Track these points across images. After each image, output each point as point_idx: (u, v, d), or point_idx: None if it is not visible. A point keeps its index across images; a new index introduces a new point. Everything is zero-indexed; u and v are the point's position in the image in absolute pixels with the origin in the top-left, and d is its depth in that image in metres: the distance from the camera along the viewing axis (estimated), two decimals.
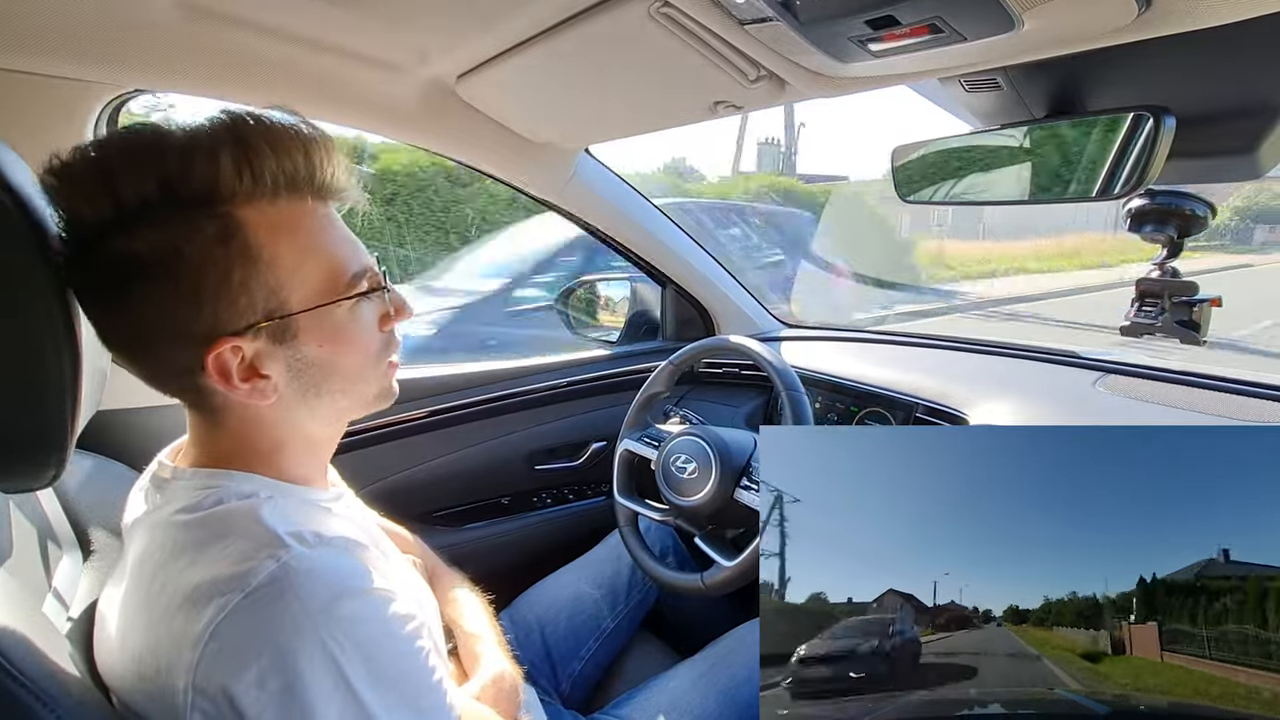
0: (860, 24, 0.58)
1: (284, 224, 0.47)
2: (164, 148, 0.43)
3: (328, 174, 0.49)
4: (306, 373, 0.50)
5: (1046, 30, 0.55)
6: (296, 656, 0.41)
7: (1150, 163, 0.65)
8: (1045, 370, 1.12)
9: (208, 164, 0.43)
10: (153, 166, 0.43)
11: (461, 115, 1.01)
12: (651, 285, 1.55)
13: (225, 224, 0.44)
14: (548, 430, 1.38)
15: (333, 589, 0.44)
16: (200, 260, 0.44)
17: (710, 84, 0.79)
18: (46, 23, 0.72)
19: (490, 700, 0.62)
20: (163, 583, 0.45)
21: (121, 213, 0.43)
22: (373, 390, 0.55)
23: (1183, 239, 0.78)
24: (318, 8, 0.71)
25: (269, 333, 0.47)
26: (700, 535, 0.96)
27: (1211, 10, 0.51)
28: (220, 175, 0.44)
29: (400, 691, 0.45)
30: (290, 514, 0.48)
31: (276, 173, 0.46)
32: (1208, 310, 0.77)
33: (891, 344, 1.38)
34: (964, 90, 0.78)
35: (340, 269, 0.50)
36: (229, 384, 0.47)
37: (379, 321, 0.54)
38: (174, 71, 0.84)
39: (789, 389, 0.95)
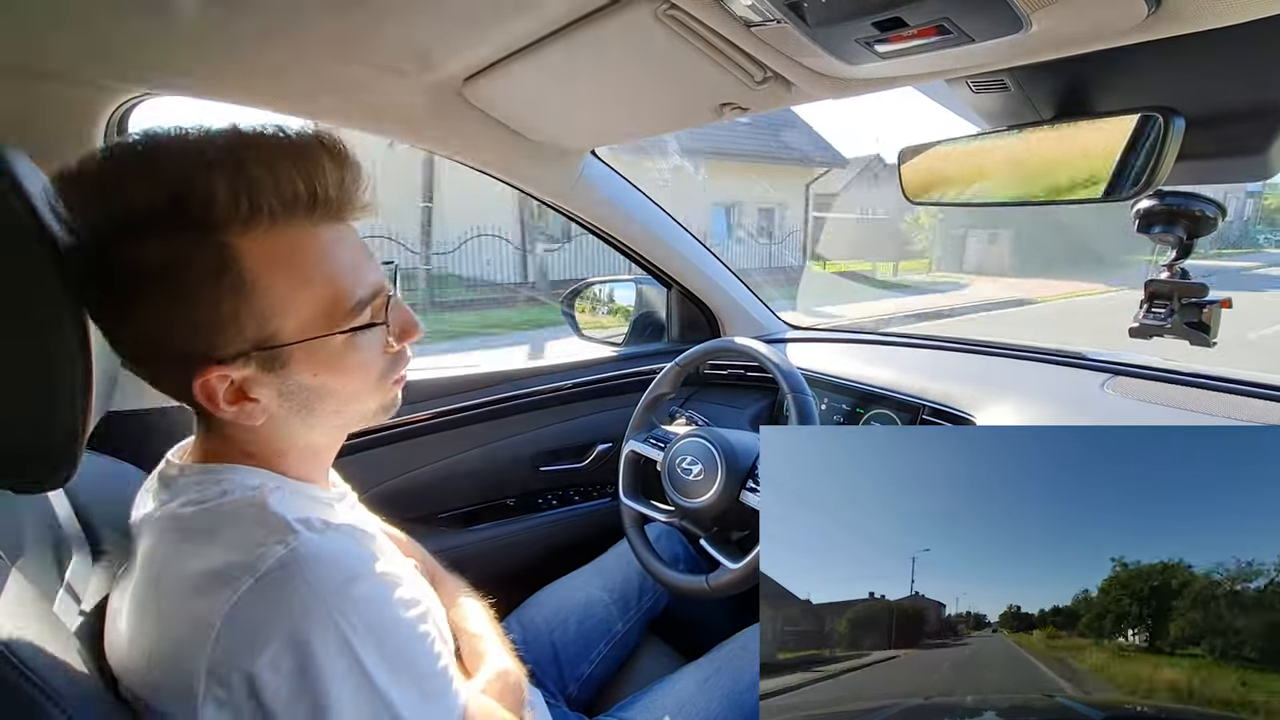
0: (868, 25, 0.57)
1: (281, 254, 0.45)
2: (171, 162, 0.43)
3: (333, 193, 0.47)
4: (298, 396, 0.49)
5: (1055, 31, 0.55)
6: (309, 638, 0.41)
7: (1159, 164, 0.64)
8: (1052, 372, 1.11)
9: (204, 191, 0.42)
10: (162, 178, 0.42)
11: (468, 118, 1.02)
12: (657, 287, 1.55)
13: (219, 255, 0.43)
14: (553, 432, 1.38)
15: (343, 572, 0.44)
16: (191, 289, 0.44)
17: (716, 86, 0.79)
18: (57, 27, 0.73)
19: (495, 694, 0.62)
20: (173, 572, 0.45)
21: (131, 220, 0.43)
22: (372, 407, 0.55)
23: (1192, 240, 0.77)
24: (325, 12, 0.71)
25: (259, 361, 0.47)
26: (705, 537, 0.96)
27: (1222, 10, 0.50)
28: (217, 201, 0.43)
29: (410, 673, 0.46)
30: (296, 504, 0.49)
31: (274, 201, 0.44)
32: (1218, 311, 0.76)
33: (897, 346, 1.38)
34: (971, 91, 0.78)
35: (340, 297, 0.48)
36: (215, 407, 0.47)
37: (383, 347, 0.53)
38: (183, 76, 0.85)
39: (795, 391, 0.94)
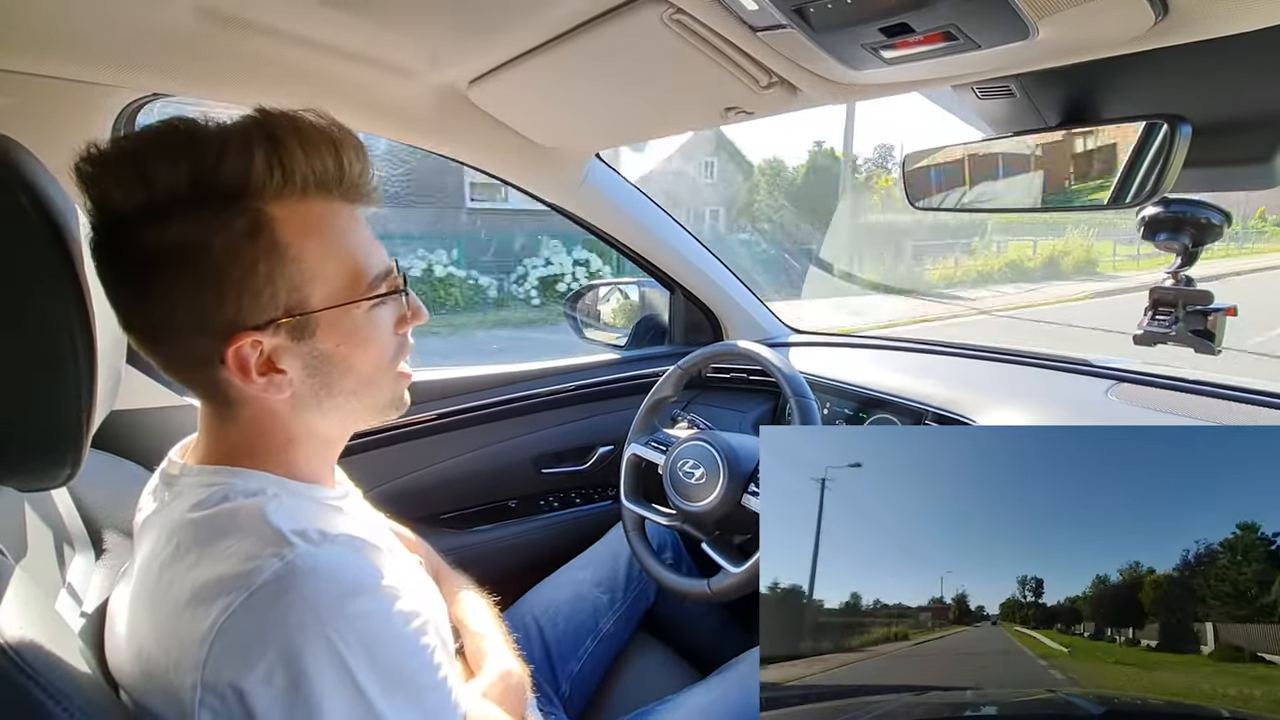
0: (874, 31, 0.57)
1: (312, 222, 0.48)
2: (198, 141, 0.44)
3: (357, 176, 0.50)
4: (322, 370, 0.50)
5: (1062, 38, 0.55)
6: (302, 653, 0.41)
7: (1165, 171, 0.64)
8: (1056, 378, 1.11)
9: (240, 159, 0.44)
10: (186, 159, 0.43)
11: (474, 120, 1.02)
12: (660, 290, 1.55)
13: (255, 219, 0.45)
14: (555, 434, 1.38)
15: (338, 586, 0.44)
16: (227, 254, 0.45)
17: (722, 90, 0.79)
18: (64, 27, 0.73)
19: (497, 697, 0.61)
20: (169, 580, 0.45)
21: (153, 202, 0.43)
22: (385, 396, 0.56)
23: (1197, 247, 0.77)
24: (333, 13, 0.72)
25: (289, 329, 0.48)
26: (707, 541, 0.96)
27: (1228, 18, 0.50)
28: (253, 170, 0.45)
29: (406, 689, 0.45)
30: (296, 512, 0.48)
31: (307, 171, 0.47)
32: (1223, 319, 0.76)
33: (901, 350, 1.37)
34: (977, 97, 0.78)
35: (363, 270, 0.51)
36: (246, 377, 0.47)
37: (395, 324, 0.55)
38: (190, 76, 0.85)
39: (797, 394, 0.94)
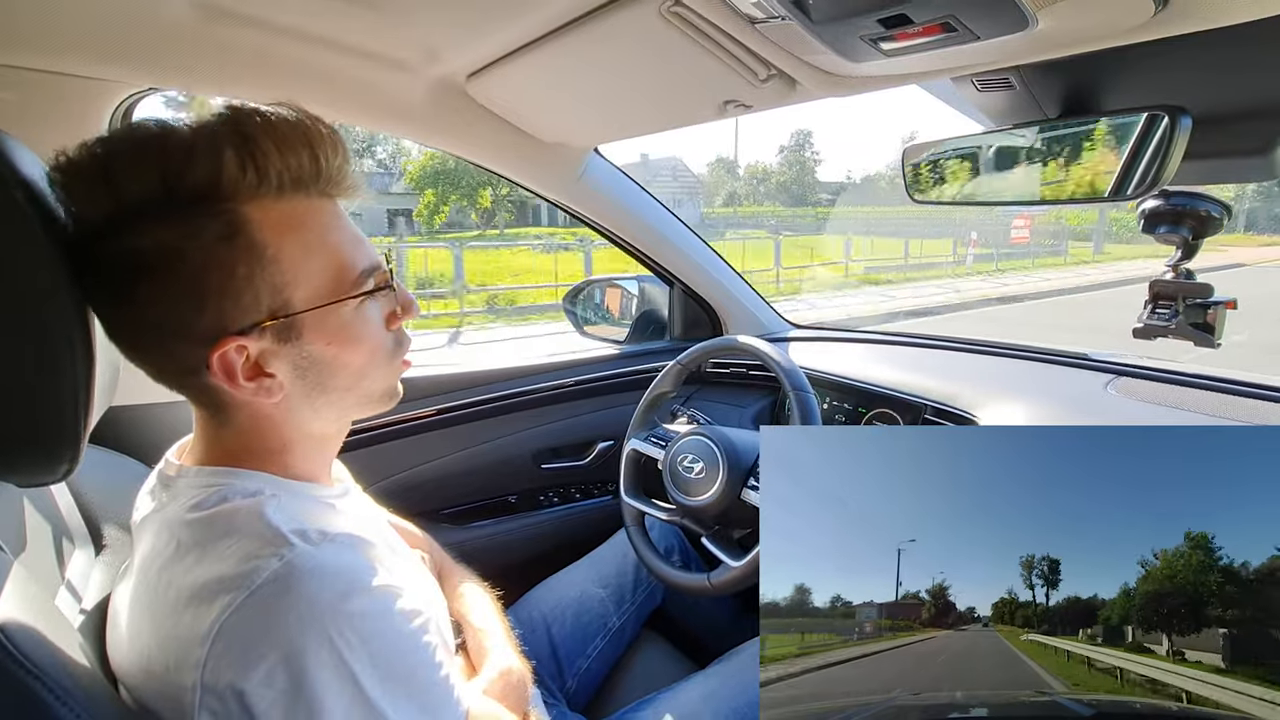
0: (873, 23, 0.57)
1: (289, 221, 0.46)
2: (168, 144, 0.43)
3: (334, 170, 0.48)
4: (312, 371, 0.50)
5: (1061, 29, 0.55)
6: (303, 653, 0.41)
7: (1166, 163, 0.64)
8: (1055, 372, 1.11)
9: (211, 161, 0.43)
10: (156, 163, 0.42)
11: (472, 114, 1.02)
12: (659, 285, 1.54)
13: (230, 221, 0.44)
14: (555, 429, 1.38)
15: (337, 586, 0.44)
16: (203, 259, 0.44)
17: (720, 83, 0.79)
18: (61, 21, 0.73)
19: (499, 694, 0.61)
20: (169, 581, 0.45)
21: (124, 209, 0.43)
22: (379, 388, 0.55)
23: (1198, 240, 0.76)
24: (330, 7, 0.71)
25: (274, 331, 0.47)
26: (707, 535, 0.96)
27: (1228, 8, 0.50)
28: (223, 171, 0.43)
29: (407, 688, 0.45)
30: (295, 511, 0.48)
31: (282, 169, 0.45)
32: (1223, 313, 0.76)
33: (900, 345, 1.37)
34: (976, 89, 0.78)
35: (346, 267, 0.49)
36: (234, 383, 0.47)
37: (386, 320, 0.54)
38: (187, 70, 0.85)
39: (797, 389, 0.94)
